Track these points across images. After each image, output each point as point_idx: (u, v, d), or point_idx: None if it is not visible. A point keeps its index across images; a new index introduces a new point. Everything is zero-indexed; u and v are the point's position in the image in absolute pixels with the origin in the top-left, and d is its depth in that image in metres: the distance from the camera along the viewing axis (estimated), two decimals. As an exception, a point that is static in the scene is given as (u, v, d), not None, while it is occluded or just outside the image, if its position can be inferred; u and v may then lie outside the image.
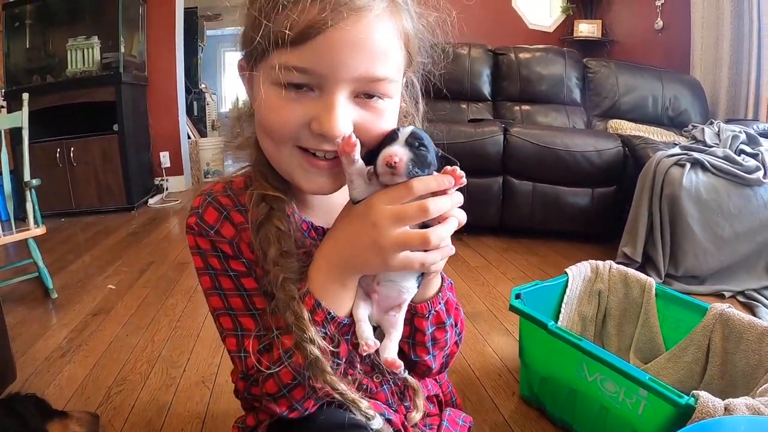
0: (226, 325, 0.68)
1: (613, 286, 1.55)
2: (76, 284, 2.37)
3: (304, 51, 0.53)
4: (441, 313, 0.71)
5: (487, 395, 1.44)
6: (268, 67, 0.56)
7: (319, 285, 0.63)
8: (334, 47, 0.53)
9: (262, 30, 0.54)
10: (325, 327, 0.63)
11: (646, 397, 0.98)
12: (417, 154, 0.56)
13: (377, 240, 0.56)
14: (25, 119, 2.17)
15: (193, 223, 0.67)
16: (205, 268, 0.68)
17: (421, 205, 0.55)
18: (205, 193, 0.69)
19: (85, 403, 1.42)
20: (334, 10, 0.52)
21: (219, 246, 0.66)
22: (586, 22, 4.60)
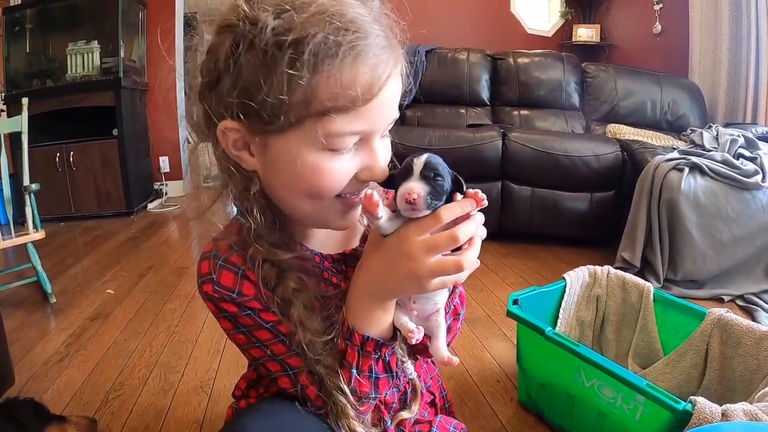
0: (274, 369, 0.70)
1: (611, 291, 1.54)
2: (75, 289, 2.37)
3: (360, 114, 0.55)
4: (457, 306, 0.77)
5: (485, 401, 1.44)
6: (310, 134, 0.55)
7: (361, 317, 0.67)
8: (382, 108, 0.57)
9: (303, 96, 0.53)
10: (377, 353, 0.68)
11: (644, 403, 0.98)
12: (433, 186, 0.57)
13: (414, 270, 0.59)
14: (24, 123, 2.17)
15: (211, 290, 0.65)
16: (235, 328, 0.67)
17: (451, 235, 0.58)
18: (212, 255, 0.66)
19: (83, 408, 1.42)
20: (382, 72, 0.55)
21: (246, 305, 0.65)
22: (585, 27, 4.62)
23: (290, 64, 0.52)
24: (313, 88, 0.53)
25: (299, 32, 0.52)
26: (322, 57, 0.52)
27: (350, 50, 0.53)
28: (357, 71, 0.53)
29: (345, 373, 0.68)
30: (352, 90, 0.53)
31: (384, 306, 0.66)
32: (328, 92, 0.53)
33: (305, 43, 0.52)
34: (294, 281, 0.65)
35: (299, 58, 0.52)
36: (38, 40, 4.05)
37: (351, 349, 0.67)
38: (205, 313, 2.03)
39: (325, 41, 0.52)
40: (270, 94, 0.54)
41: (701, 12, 3.43)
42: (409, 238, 0.59)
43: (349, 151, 0.59)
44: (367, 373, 0.69)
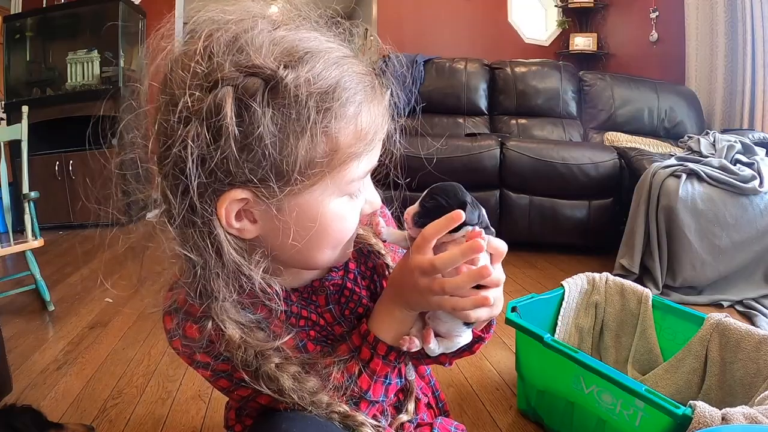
0: (266, 401, 0.66)
1: (610, 297, 1.55)
2: (74, 297, 2.36)
3: (369, 156, 0.57)
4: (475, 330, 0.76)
5: (485, 409, 1.43)
6: (331, 185, 0.54)
7: (388, 328, 0.68)
8: (379, 145, 0.59)
9: (325, 149, 0.52)
10: (397, 362, 0.69)
11: (643, 409, 0.98)
12: (423, 207, 0.60)
13: (415, 284, 0.61)
14: (24, 131, 2.18)
15: (180, 345, 0.62)
16: (214, 375, 0.64)
17: (431, 260, 0.58)
18: (172, 309, 0.62)
19: (81, 416, 1.41)
20: (385, 113, 0.57)
21: (218, 352, 0.61)
22: (582, 36, 4.65)
23: (317, 116, 0.50)
24: (337, 138, 0.52)
25: (323, 82, 0.50)
26: (343, 105, 0.51)
27: (366, 95, 0.53)
28: (373, 113, 0.54)
29: (363, 380, 0.67)
30: (369, 133, 0.54)
31: (403, 318, 0.68)
32: (350, 140, 0.53)
33: (330, 92, 0.50)
34: (277, 357, 0.62)
35: (325, 108, 0.50)
36: (38, 48, 4.10)
37: (376, 358, 0.68)
38: (203, 321, 2.02)
39: (346, 88, 0.51)
40: (294, 152, 0.50)
41: (697, 19, 3.46)
42: (408, 256, 0.61)
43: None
44: (382, 378, 0.70)
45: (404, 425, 0.83)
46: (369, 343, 0.68)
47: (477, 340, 0.75)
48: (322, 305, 0.74)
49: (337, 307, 0.75)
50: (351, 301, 0.76)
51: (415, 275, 0.60)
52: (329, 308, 0.75)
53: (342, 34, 0.59)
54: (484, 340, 0.77)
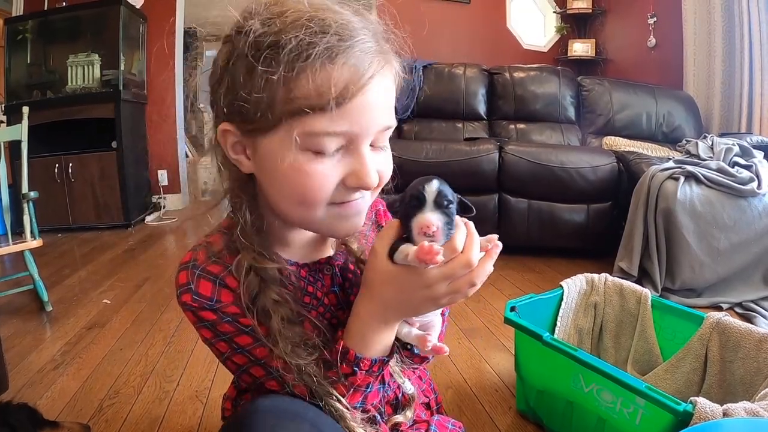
0: (259, 374, 0.69)
1: (609, 298, 1.54)
2: (72, 298, 2.36)
3: (340, 115, 0.55)
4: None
5: (484, 410, 1.43)
6: (290, 134, 0.56)
7: (370, 345, 0.67)
8: (366, 108, 0.57)
9: (269, 88, 0.55)
10: (380, 371, 0.70)
11: (644, 406, 0.98)
12: (448, 215, 0.58)
13: (431, 296, 0.62)
14: (24, 132, 2.18)
15: (189, 300, 0.64)
16: (216, 336, 0.67)
17: (467, 261, 0.59)
18: (190, 266, 0.66)
19: (77, 416, 1.40)
20: (364, 72, 0.55)
21: (225, 311, 0.65)
22: (580, 42, 4.68)
23: (266, 64, 0.54)
24: (290, 87, 0.54)
25: (277, 36, 0.55)
26: (295, 57, 0.53)
27: (325, 51, 0.54)
28: (333, 72, 0.54)
29: (340, 388, 0.68)
30: (326, 90, 0.54)
31: (391, 328, 0.69)
32: (303, 91, 0.54)
33: (280, 44, 0.54)
34: (275, 293, 0.65)
35: (275, 58, 0.54)
36: (39, 51, 4.09)
37: (359, 374, 0.68)
38: (201, 323, 2.02)
39: (300, 43, 0.53)
40: (252, 93, 0.56)
41: (695, 25, 3.48)
42: (428, 271, 0.60)
43: (333, 155, 0.58)
44: (363, 388, 0.70)
45: (399, 424, 0.83)
46: (350, 362, 0.67)
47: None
48: (327, 285, 0.75)
49: (342, 293, 0.76)
50: (354, 285, 0.76)
51: (436, 287, 0.61)
52: (334, 290, 0.76)
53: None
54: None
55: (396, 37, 0.63)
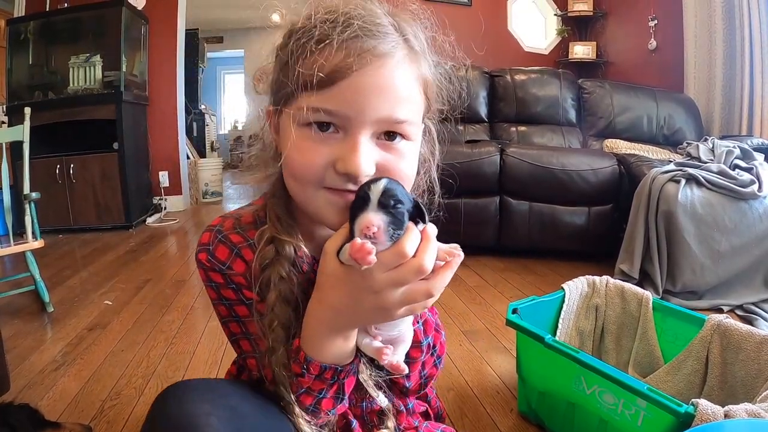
0: (246, 348, 0.73)
1: (611, 300, 1.54)
2: (73, 299, 2.36)
3: (331, 94, 0.57)
4: (418, 332, 0.74)
5: (485, 412, 1.43)
6: (296, 109, 0.59)
7: (319, 348, 0.65)
8: (359, 91, 0.57)
9: (291, 73, 0.59)
10: (333, 379, 0.67)
11: (645, 408, 0.98)
12: (394, 215, 0.54)
13: (381, 304, 0.57)
14: (26, 133, 2.18)
15: (204, 259, 0.69)
16: (219, 299, 0.72)
17: (418, 267, 0.55)
18: (215, 229, 0.71)
19: (79, 417, 1.40)
20: (359, 56, 0.56)
21: (232, 279, 0.69)
22: (581, 44, 4.69)
23: (283, 50, 0.61)
24: (299, 70, 0.58)
25: (301, 27, 0.60)
26: (305, 43, 0.58)
27: (328, 38, 0.57)
28: (329, 56, 0.56)
29: (293, 387, 0.68)
30: (320, 70, 0.56)
31: (345, 335, 0.65)
32: (306, 71, 0.57)
33: (299, 35, 0.59)
34: (284, 270, 0.67)
35: (291, 45, 0.59)
36: (41, 52, 4.11)
37: (308, 376, 0.66)
38: (203, 325, 2.02)
39: (312, 32, 0.58)
40: (280, 76, 0.62)
41: (695, 27, 3.49)
42: (374, 276, 0.56)
43: (330, 137, 0.59)
44: (315, 393, 0.68)
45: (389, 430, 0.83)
46: (299, 362, 0.66)
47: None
48: None
49: None
50: None
51: (385, 293, 0.57)
52: None
53: None
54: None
55: (435, 38, 0.66)
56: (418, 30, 0.63)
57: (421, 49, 0.63)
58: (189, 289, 2.51)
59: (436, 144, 0.76)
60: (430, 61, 0.64)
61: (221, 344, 1.85)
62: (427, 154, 0.75)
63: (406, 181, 0.63)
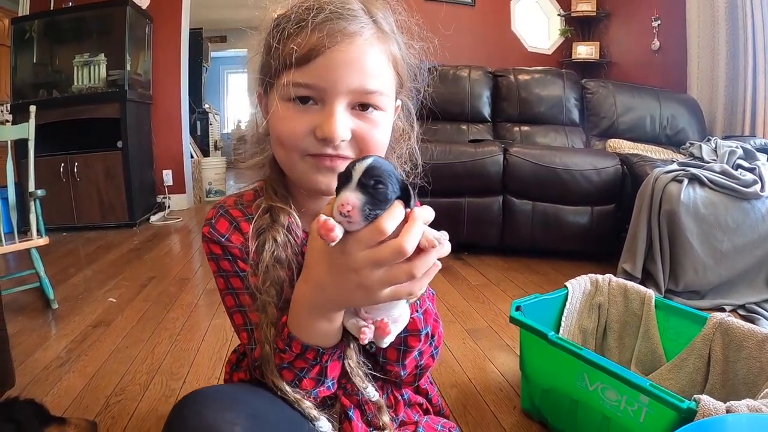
0: (238, 321, 0.76)
1: (613, 298, 1.55)
2: (77, 297, 2.37)
3: (308, 70, 0.64)
4: (417, 322, 0.74)
5: (488, 409, 1.43)
6: (279, 86, 0.66)
7: (304, 328, 0.66)
8: (332, 66, 0.63)
9: (273, 54, 0.66)
10: (316, 360, 0.68)
11: (648, 404, 0.98)
12: (373, 194, 0.53)
13: (362, 283, 0.56)
14: (31, 131, 2.19)
15: (207, 232, 0.75)
16: (218, 271, 0.76)
17: (397, 247, 0.53)
18: (218, 206, 0.77)
19: (84, 412, 1.41)
20: (330, 36, 0.63)
21: (229, 250, 0.74)
22: (584, 45, 4.69)
23: (273, 36, 0.67)
24: (280, 50, 0.65)
25: (283, 15, 0.67)
26: (285, 28, 0.65)
27: (305, 22, 0.64)
28: (305, 37, 0.64)
29: (276, 359, 0.69)
30: (297, 50, 0.64)
31: (329, 317, 0.65)
32: (286, 52, 0.64)
33: (280, 21, 0.66)
34: (279, 235, 0.72)
35: (273, 30, 0.67)
36: (45, 51, 4.13)
37: (289, 353, 0.68)
38: (207, 323, 2.03)
39: (291, 18, 0.65)
40: (266, 59, 0.69)
41: (698, 28, 3.49)
42: (353, 254, 0.55)
43: (309, 107, 0.66)
44: (296, 370, 0.69)
45: (385, 424, 0.83)
46: (283, 338, 0.68)
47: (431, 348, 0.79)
48: None
49: None
50: None
51: (365, 272, 0.56)
52: None
53: None
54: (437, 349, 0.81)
55: (409, 25, 0.73)
56: (387, 13, 0.70)
57: (390, 30, 0.70)
58: (193, 287, 2.52)
59: (414, 118, 0.83)
60: (400, 42, 0.71)
61: (225, 341, 1.86)
62: (406, 126, 0.82)
63: (379, 148, 0.70)
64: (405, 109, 0.80)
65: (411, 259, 0.54)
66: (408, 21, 0.74)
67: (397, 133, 0.79)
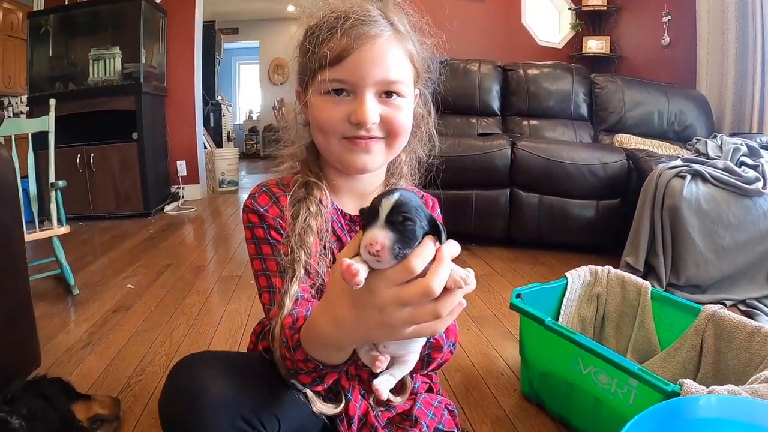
0: (262, 283, 0.84)
1: (611, 289, 1.61)
2: (96, 283, 2.47)
3: (340, 68, 0.76)
4: (440, 340, 0.81)
5: (490, 392, 1.50)
6: (316, 83, 0.79)
7: (313, 349, 0.68)
8: (360, 63, 0.76)
9: (310, 57, 0.79)
10: (315, 371, 0.70)
11: (636, 387, 1.04)
12: (402, 232, 0.52)
13: (385, 321, 0.56)
14: (51, 123, 2.27)
15: (249, 204, 0.86)
16: (252, 238, 0.85)
17: (424, 289, 0.52)
18: (261, 184, 0.90)
19: (106, 391, 1.49)
20: (357, 39, 0.76)
21: (265, 220, 0.84)
22: (595, 39, 4.69)
23: (309, 42, 0.80)
24: (318, 55, 0.77)
25: (315, 25, 0.80)
26: (319, 35, 0.78)
27: (335, 30, 0.76)
28: (337, 41, 0.76)
29: (281, 348, 0.73)
30: (330, 53, 0.76)
31: (343, 350, 0.67)
32: (321, 55, 0.77)
33: (314, 30, 0.79)
34: (313, 206, 0.83)
35: (309, 38, 0.80)
36: (61, 44, 4.20)
37: (291, 355, 0.70)
38: (222, 308, 2.12)
39: (323, 27, 0.78)
40: (304, 56, 0.82)
41: (708, 24, 3.49)
42: (379, 292, 0.54)
43: (344, 99, 0.78)
44: (296, 368, 0.72)
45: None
46: (294, 339, 0.70)
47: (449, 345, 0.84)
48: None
49: None
50: None
51: (389, 310, 0.54)
52: None
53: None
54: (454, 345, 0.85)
55: (417, 25, 0.85)
56: (402, 17, 0.83)
57: (405, 30, 0.82)
58: (208, 275, 2.61)
59: (431, 105, 0.94)
60: (413, 39, 0.83)
61: (240, 325, 1.94)
62: (424, 112, 0.94)
63: (403, 129, 0.82)
64: (422, 97, 0.92)
65: (437, 298, 0.53)
66: (419, 21, 0.86)
67: (417, 118, 0.91)
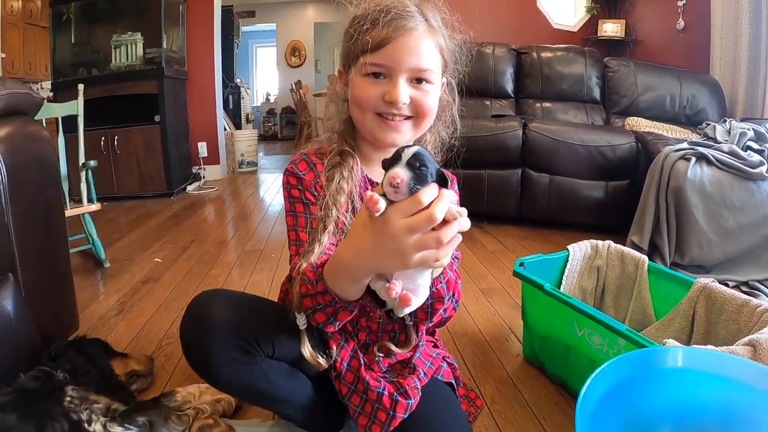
0: (292, 237, 0.98)
1: (611, 262, 1.69)
2: (124, 258, 2.61)
3: (380, 54, 0.89)
4: (441, 290, 0.89)
5: (494, 355, 1.62)
6: (358, 65, 0.92)
7: (333, 279, 0.81)
8: (397, 51, 0.89)
9: (354, 43, 0.92)
10: (331, 304, 0.83)
11: (625, 347, 1.14)
12: (417, 174, 0.64)
13: (397, 248, 0.66)
14: (80, 107, 2.40)
15: (289, 168, 1.00)
16: (288, 197, 0.99)
17: (429, 215, 0.63)
18: (302, 153, 1.04)
19: (139, 353, 1.61)
20: (395, 30, 0.88)
21: (302, 182, 0.98)
22: (611, 22, 4.69)
23: (349, 30, 0.94)
24: (361, 41, 0.90)
25: (361, 15, 0.92)
26: (363, 25, 0.90)
27: (377, 21, 0.89)
28: (379, 31, 0.89)
29: (302, 287, 0.86)
30: (372, 41, 0.89)
31: (359, 280, 0.79)
32: (363, 42, 0.90)
33: (360, 19, 0.92)
34: (346, 171, 0.97)
35: (355, 25, 0.92)
36: (83, 31, 4.32)
37: (313, 287, 0.83)
38: (246, 279, 2.26)
39: (367, 18, 0.90)
40: (348, 42, 0.95)
41: (722, 8, 3.49)
42: (393, 222, 0.65)
43: (381, 80, 0.91)
44: (315, 303, 0.84)
45: (390, 351, 1.05)
46: (316, 273, 0.83)
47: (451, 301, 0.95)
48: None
49: None
50: None
51: (401, 238, 0.65)
52: None
53: None
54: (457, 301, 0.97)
55: (447, 19, 0.97)
56: (435, 13, 0.95)
57: (437, 26, 0.94)
58: (231, 249, 2.75)
59: (456, 93, 1.07)
60: (444, 34, 0.95)
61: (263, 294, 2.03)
62: (449, 99, 1.06)
63: (430, 111, 0.95)
64: (449, 85, 1.03)
65: (438, 228, 0.65)
66: (450, 18, 0.98)
67: (443, 103, 1.03)
